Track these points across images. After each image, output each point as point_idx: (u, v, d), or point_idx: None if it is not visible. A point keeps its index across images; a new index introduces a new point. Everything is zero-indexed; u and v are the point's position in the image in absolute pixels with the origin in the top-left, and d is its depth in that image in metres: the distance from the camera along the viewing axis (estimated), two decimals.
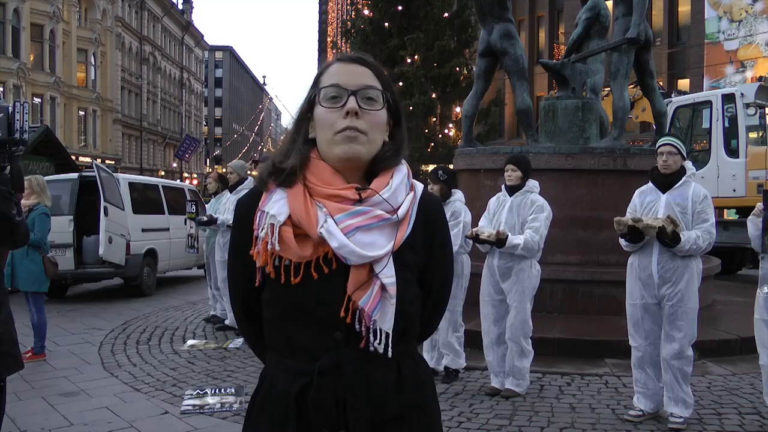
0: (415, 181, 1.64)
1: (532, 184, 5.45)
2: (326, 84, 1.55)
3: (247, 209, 1.58)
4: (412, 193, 1.60)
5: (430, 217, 1.63)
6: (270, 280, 1.52)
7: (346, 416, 1.47)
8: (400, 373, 1.55)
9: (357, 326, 1.48)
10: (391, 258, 1.51)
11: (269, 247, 1.49)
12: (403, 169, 1.60)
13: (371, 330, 1.49)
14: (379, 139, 1.57)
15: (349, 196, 1.51)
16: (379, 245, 1.50)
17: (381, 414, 1.50)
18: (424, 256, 1.62)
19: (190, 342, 7.61)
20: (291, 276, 1.48)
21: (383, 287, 1.49)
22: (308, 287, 1.48)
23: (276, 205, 1.52)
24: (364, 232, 1.49)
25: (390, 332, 1.50)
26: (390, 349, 1.50)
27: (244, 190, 8.33)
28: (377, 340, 1.49)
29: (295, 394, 1.49)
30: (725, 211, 12.71)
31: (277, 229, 1.49)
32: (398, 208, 1.54)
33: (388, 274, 1.49)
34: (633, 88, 12.76)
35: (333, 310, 1.48)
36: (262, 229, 1.52)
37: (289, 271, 1.49)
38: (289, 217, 1.50)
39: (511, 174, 5.43)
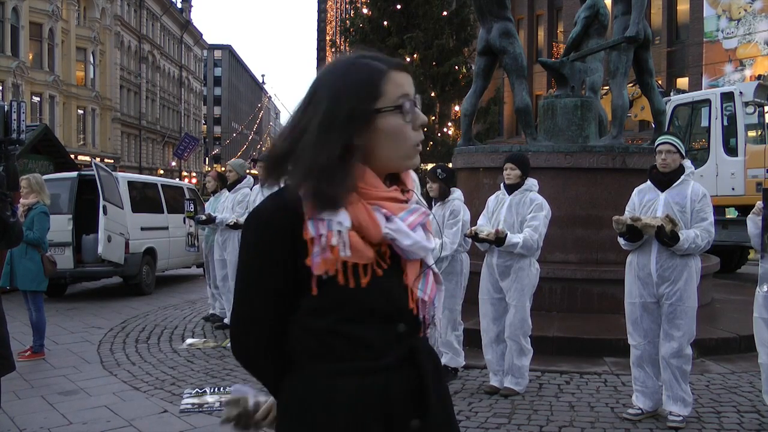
0: None
1: (531, 182, 5.45)
2: (398, 95, 1.55)
3: (283, 222, 1.51)
4: None
5: None
6: (331, 287, 1.50)
7: (421, 406, 1.54)
8: (436, 358, 1.66)
9: (420, 316, 1.58)
10: None
11: (341, 253, 1.49)
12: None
13: (433, 318, 1.60)
14: None
15: (400, 197, 1.58)
16: (429, 239, 1.61)
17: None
18: None
19: (189, 341, 7.61)
20: (360, 277, 1.50)
21: (435, 277, 1.62)
22: (375, 285, 1.52)
23: (337, 212, 1.51)
24: (418, 228, 1.59)
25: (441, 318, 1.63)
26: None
27: (243, 188, 8.33)
28: (438, 327, 1.61)
29: (372, 392, 1.51)
30: (726, 209, 12.70)
31: (346, 234, 1.50)
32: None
33: (435, 265, 1.63)
34: (632, 86, 12.77)
35: (400, 304, 1.55)
36: (323, 237, 1.49)
37: (357, 274, 1.50)
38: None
39: (510, 172, 5.43)
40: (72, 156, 18.79)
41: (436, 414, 1.57)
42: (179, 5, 65.05)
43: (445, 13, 23.48)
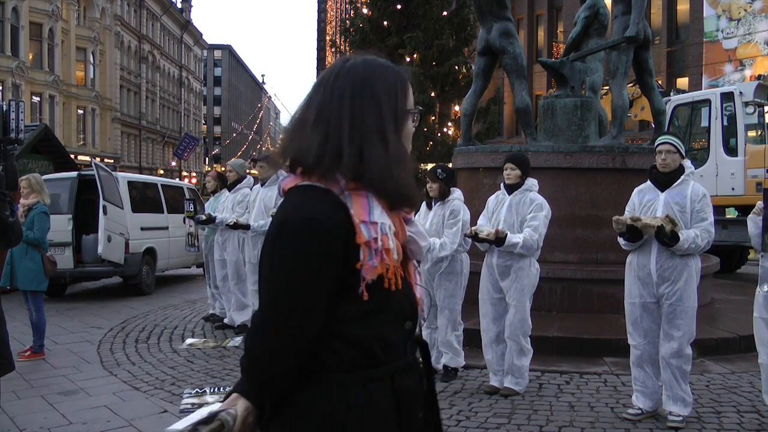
0: None
1: (531, 182, 5.45)
2: (412, 101, 1.62)
3: (338, 226, 1.45)
4: None
5: None
6: (375, 290, 1.48)
7: (424, 398, 1.62)
8: None
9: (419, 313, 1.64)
10: None
11: (395, 257, 1.49)
12: None
13: (424, 314, 1.65)
14: None
15: None
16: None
17: None
18: None
19: (189, 341, 7.61)
20: (398, 280, 1.51)
21: (419, 275, 1.67)
22: (403, 287, 1.55)
23: (383, 215, 1.50)
24: None
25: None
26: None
27: (243, 188, 8.32)
28: (425, 322, 1.64)
29: (403, 391, 1.53)
30: (726, 209, 12.70)
31: (394, 238, 1.51)
32: None
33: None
34: (632, 86, 12.76)
35: (414, 302, 1.59)
36: (378, 240, 1.46)
37: (396, 276, 1.51)
38: None
39: (510, 172, 5.43)
40: (72, 156, 18.78)
41: (437, 407, 1.67)
42: (179, 5, 65.03)
43: (445, 13, 23.45)
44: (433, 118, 23.52)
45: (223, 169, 9.98)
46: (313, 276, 1.43)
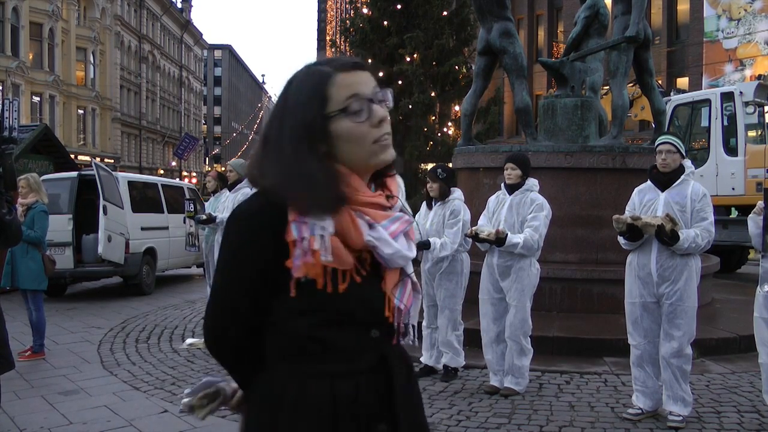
0: None
1: (532, 182, 5.45)
2: (344, 97, 1.53)
3: (266, 221, 1.51)
4: None
5: None
6: (308, 290, 1.50)
7: (390, 409, 1.56)
8: (408, 363, 1.68)
9: (395, 324, 1.60)
10: None
11: (323, 258, 1.49)
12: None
13: (407, 325, 1.62)
14: None
15: (384, 203, 1.59)
16: (410, 248, 1.62)
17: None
18: None
19: (189, 340, 7.61)
20: (339, 283, 1.51)
21: (413, 286, 1.64)
22: (353, 292, 1.53)
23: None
24: (401, 236, 1.60)
25: (416, 325, 1.64)
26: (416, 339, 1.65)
27: (243, 188, 8.32)
28: (410, 335, 1.63)
29: (343, 395, 1.52)
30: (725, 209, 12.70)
31: (329, 240, 1.50)
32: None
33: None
34: (632, 86, 12.77)
35: (376, 311, 1.56)
36: (305, 240, 1.49)
37: (335, 279, 1.51)
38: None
39: (511, 172, 5.43)
40: (72, 156, 18.79)
41: (406, 419, 1.57)
42: (179, 5, 65.01)
43: (445, 13, 23.46)
44: (433, 118, 23.52)
45: (223, 169, 9.97)
46: (241, 264, 1.54)
